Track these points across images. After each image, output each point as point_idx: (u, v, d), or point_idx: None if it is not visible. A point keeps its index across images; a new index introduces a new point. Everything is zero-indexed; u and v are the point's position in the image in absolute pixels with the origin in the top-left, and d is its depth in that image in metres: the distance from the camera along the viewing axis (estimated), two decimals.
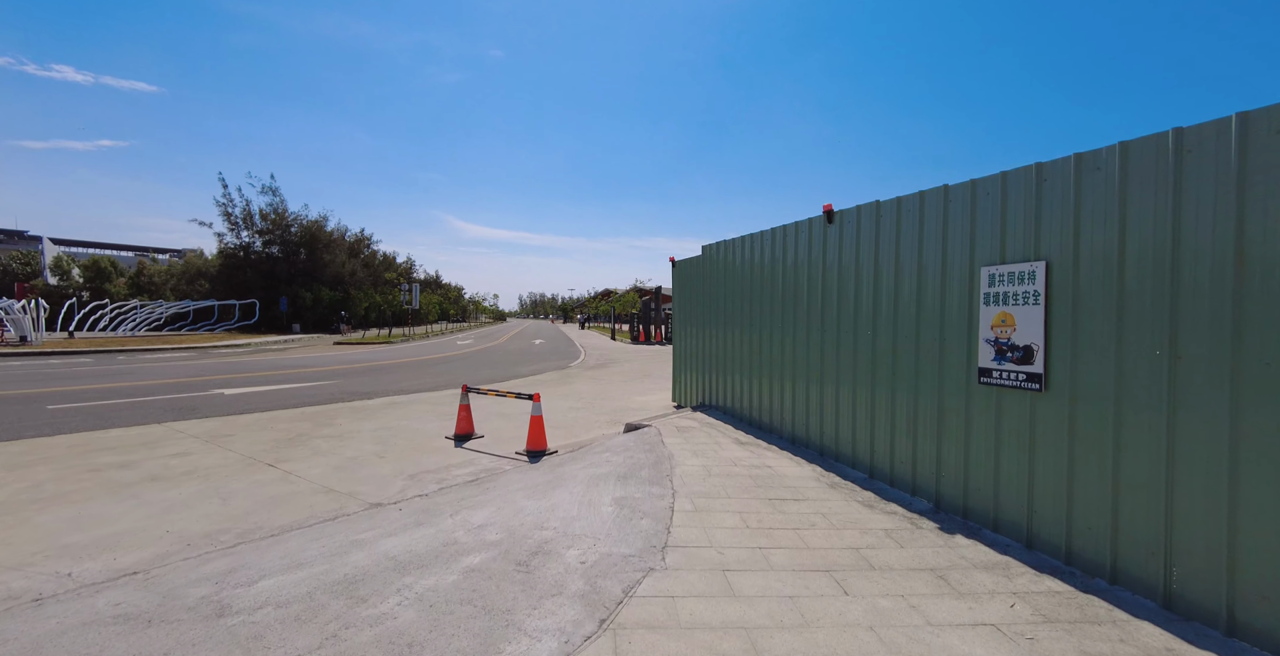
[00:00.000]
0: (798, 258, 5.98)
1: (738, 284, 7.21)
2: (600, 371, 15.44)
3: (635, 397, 10.39)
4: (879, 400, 4.82)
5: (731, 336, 7.38)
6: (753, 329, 6.85)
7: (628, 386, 12.06)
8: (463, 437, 7.00)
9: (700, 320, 8.33)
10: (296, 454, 6.26)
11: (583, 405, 9.57)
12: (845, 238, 5.27)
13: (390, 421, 8.12)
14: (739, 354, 7.19)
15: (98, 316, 31.27)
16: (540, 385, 12.39)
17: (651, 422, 7.03)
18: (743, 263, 7.09)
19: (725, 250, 7.56)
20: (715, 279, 7.84)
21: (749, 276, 6.94)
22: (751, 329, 6.88)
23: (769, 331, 6.50)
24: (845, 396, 5.24)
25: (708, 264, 8.07)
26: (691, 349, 8.68)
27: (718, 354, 7.79)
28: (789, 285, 6.12)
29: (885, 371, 4.74)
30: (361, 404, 9.70)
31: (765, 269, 6.59)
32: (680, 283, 9.10)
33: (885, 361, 4.74)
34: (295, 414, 8.65)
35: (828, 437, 5.49)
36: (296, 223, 40.69)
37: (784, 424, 6.21)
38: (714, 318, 7.88)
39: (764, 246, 6.62)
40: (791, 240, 6.09)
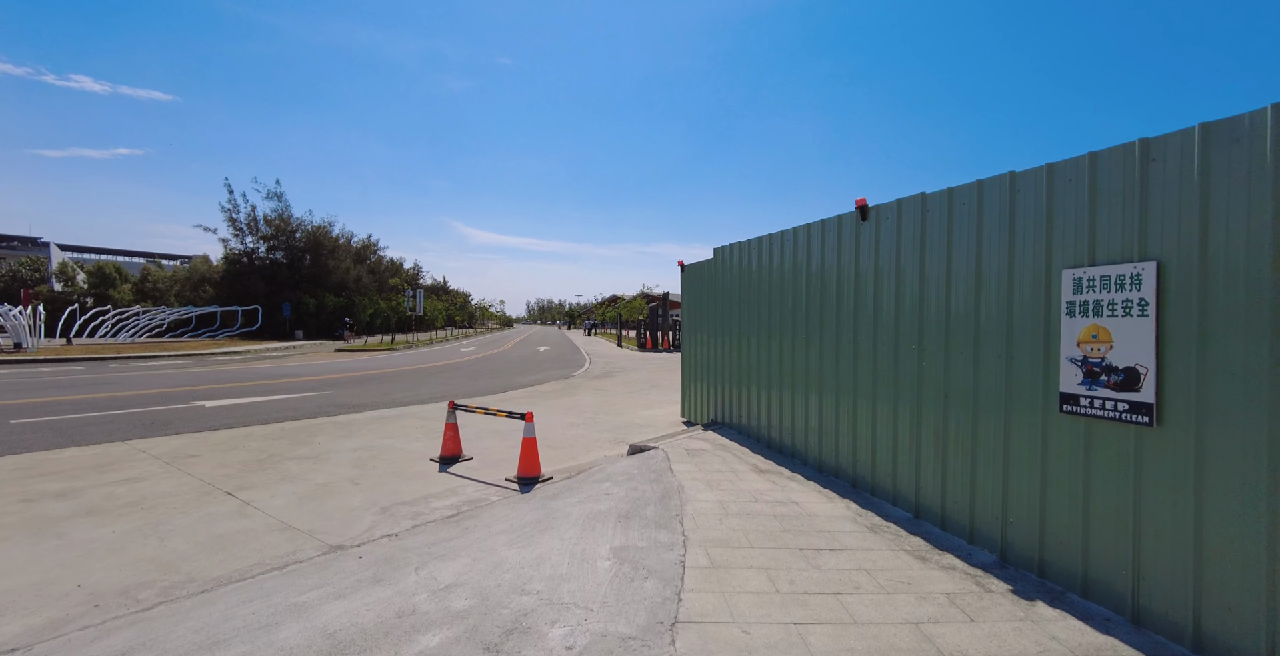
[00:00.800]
0: (824, 259, 5.29)
1: (755, 288, 6.52)
2: (605, 381, 14.75)
3: (641, 412, 9.69)
4: (926, 424, 4.10)
5: (748, 346, 6.68)
6: (772, 338, 6.15)
7: (633, 398, 11.36)
8: (448, 460, 6.32)
9: (712, 328, 7.64)
10: (262, 479, 5.60)
11: (584, 420, 8.88)
12: (883, 236, 4.57)
13: (374, 439, 7.46)
14: (756, 366, 6.48)
15: (99, 323, 30.96)
16: (541, 397, 11.71)
17: (658, 444, 6.32)
18: (760, 265, 6.40)
19: (740, 252, 6.87)
20: (729, 283, 7.15)
21: (767, 280, 6.25)
22: (771, 338, 6.17)
23: (791, 341, 5.80)
24: (884, 418, 4.52)
25: (720, 267, 7.38)
26: (702, 359, 7.98)
27: (732, 365, 7.08)
28: (815, 290, 5.42)
29: (934, 391, 4.03)
30: (347, 418, 9.05)
31: (786, 272, 5.90)
32: (690, 288, 8.42)
33: (934, 379, 4.03)
34: (274, 430, 8.01)
35: (862, 466, 4.77)
36: (301, 228, 40.38)
37: (809, 448, 5.49)
38: (728, 325, 7.18)
39: (784, 247, 5.93)
40: (817, 240, 5.39)
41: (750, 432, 6.68)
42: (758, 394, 6.49)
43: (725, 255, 7.24)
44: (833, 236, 5.18)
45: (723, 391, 7.39)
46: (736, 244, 6.94)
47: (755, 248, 6.50)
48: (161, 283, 40.57)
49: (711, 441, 6.50)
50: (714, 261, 7.56)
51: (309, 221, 41.08)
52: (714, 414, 7.68)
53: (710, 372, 7.74)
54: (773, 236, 6.17)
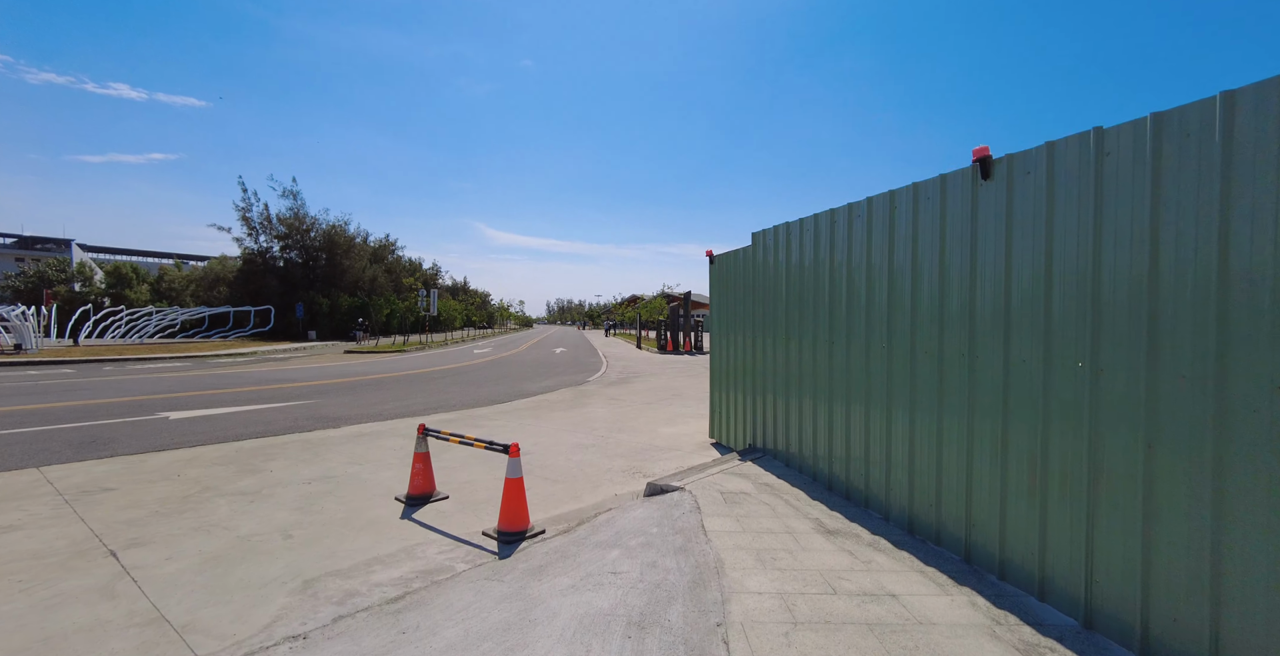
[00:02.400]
0: (918, 237, 3.82)
1: (809, 279, 5.07)
2: (622, 389, 13.36)
3: (662, 429, 8.27)
4: (1112, 476, 2.63)
5: (799, 351, 5.23)
6: (835, 343, 4.69)
7: (653, 411, 9.94)
8: (417, 500, 4.98)
9: (750, 329, 6.20)
10: (171, 529, 4.31)
11: (594, 441, 7.49)
12: (1020, 198, 3.10)
13: (339, 465, 6.17)
14: (812, 376, 5.03)
15: (111, 323, 30.54)
16: (548, 409, 10.35)
17: (685, 482, 4.90)
18: (818, 251, 4.95)
19: (788, 237, 5.42)
20: (772, 274, 5.71)
21: (827, 268, 4.80)
22: (834, 343, 4.72)
23: (864, 346, 4.34)
24: (1019, 452, 3.06)
25: (760, 256, 5.94)
26: (737, 366, 6.54)
27: (777, 375, 5.64)
28: (903, 279, 3.96)
29: (1127, 424, 2.55)
30: (322, 435, 7.79)
31: (856, 257, 4.44)
32: (721, 282, 6.98)
33: (1123, 404, 2.55)
34: (227, 451, 6.77)
35: (982, 530, 3.30)
36: (315, 227, 39.75)
37: (893, 494, 4.03)
38: (771, 325, 5.74)
39: (852, 226, 4.47)
40: (906, 212, 3.92)
41: (802, 465, 5.22)
42: (813, 413, 5.04)
43: (767, 241, 5.80)
44: (930, 206, 3.71)
45: (764, 408, 5.94)
46: (783, 225, 5.49)
47: (810, 229, 5.04)
48: (177, 283, 40.28)
49: (753, 478, 5.06)
50: (752, 250, 6.12)
51: (324, 220, 40.46)
52: (752, 436, 6.23)
53: (747, 383, 6.30)
54: (836, 211, 4.71)
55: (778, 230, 5.60)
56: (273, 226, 38.10)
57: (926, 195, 3.75)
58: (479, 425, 8.50)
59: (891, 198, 4.08)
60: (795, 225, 5.28)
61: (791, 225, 5.36)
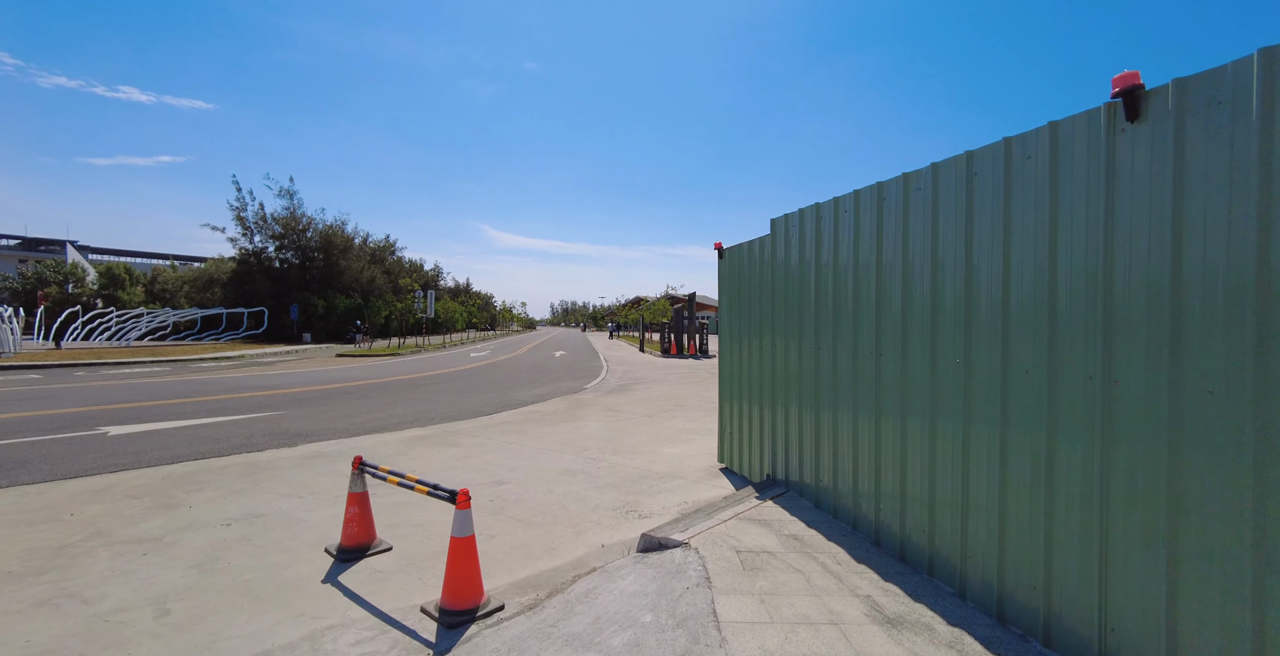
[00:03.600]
0: (1010, 206, 2.76)
1: (846, 270, 4.02)
2: (621, 397, 12.31)
3: (663, 449, 7.21)
4: None
5: (832, 356, 4.17)
6: (886, 347, 3.64)
7: (654, 426, 8.89)
8: (352, 552, 3.94)
9: (767, 329, 5.16)
10: (9, 602, 3.29)
11: (583, 465, 6.44)
12: (1193, 144, 2.04)
13: (275, 498, 5.14)
14: (851, 385, 3.98)
15: (98, 325, 29.68)
16: (536, 423, 9.31)
17: (689, 536, 3.84)
18: (857, 235, 3.90)
19: (817, 221, 4.37)
20: (796, 266, 4.67)
21: (873, 256, 3.74)
22: (881, 349, 3.66)
23: (926, 356, 3.28)
24: (1213, 511, 1.99)
25: (781, 246, 4.90)
26: (751, 374, 5.50)
27: (803, 383, 4.59)
28: (989, 264, 2.90)
29: None
30: (272, 456, 6.78)
31: (916, 240, 3.39)
32: (731, 278, 5.94)
33: None
34: (151, 479, 5.76)
35: (1124, 621, 2.22)
36: (312, 227, 38.85)
37: (972, 558, 2.96)
38: (795, 325, 4.69)
39: (915, 199, 3.42)
40: (992, 176, 2.87)
41: (838, 507, 4.16)
42: (853, 435, 3.98)
43: (791, 229, 4.75)
44: (1035, 167, 2.65)
45: (787, 428, 4.88)
46: (813, 207, 4.43)
47: (850, 210, 3.99)
48: (171, 284, 39.46)
49: (775, 527, 4.00)
50: (771, 240, 5.07)
51: (321, 220, 39.56)
52: (771, 463, 5.17)
53: (765, 396, 5.24)
54: (884, 185, 3.66)
55: (804, 215, 4.55)
56: (268, 226, 37.21)
57: (1035, 146, 2.70)
58: (456, 443, 7.47)
59: (967, 161, 3.03)
60: (830, 206, 4.23)
61: (824, 207, 4.31)
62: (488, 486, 5.54)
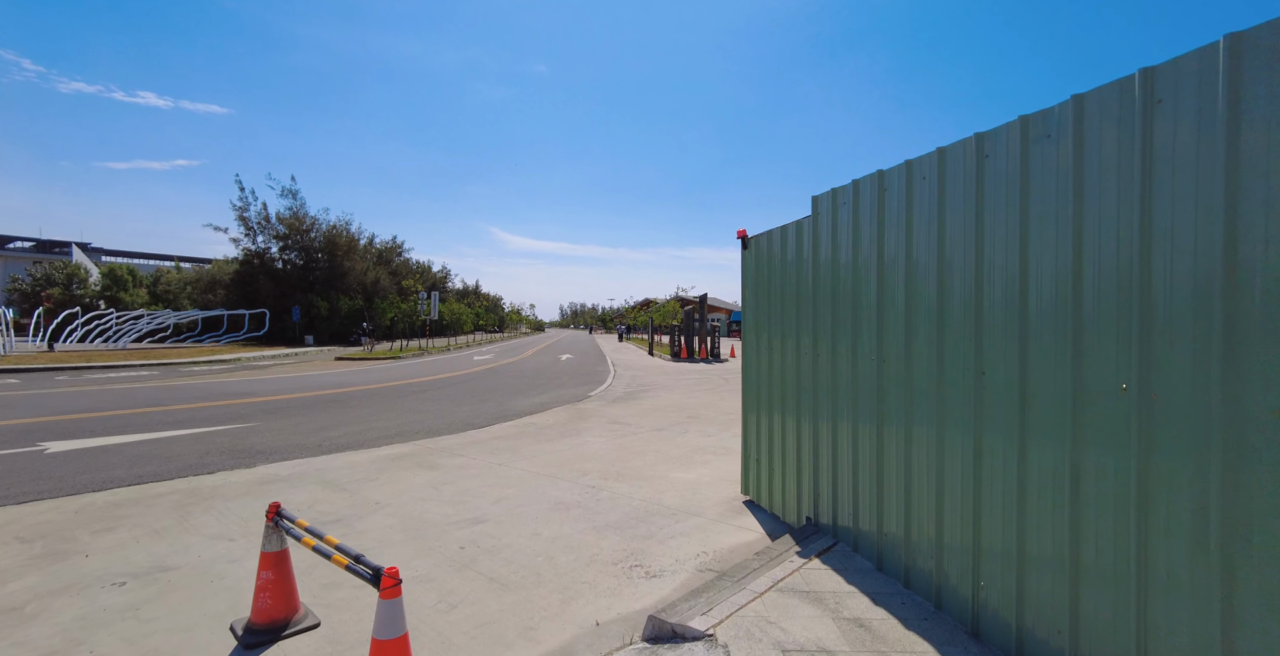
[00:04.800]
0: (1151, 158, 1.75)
1: (925, 251, 2.98)
2: (627, 407, 11.30)
3: (674, 474, 6.18)
4: None
5: (903, 359, 3.14)
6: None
7: (664, 442, 7.86)
8: (264, 632, 2.95)
9: (807, 328, 4.13)
10: None
11: (580, 495, 5.43)
12: None
13: (199, 541, 4.18)
14: (937, 397, 2.93)
15: (96, 327, 29.07)
16: (532, 437, 8.31)
17: (712, 624, 2.78)
18: (940, 210, 2.86)
19: (878, 192, 3.34)
20: (846, 251, 3.65)
21: (964, 228, 2.70)
22: (984, 351, 2.62)
23: (1064, 357, 2.23)
24: None
25: (826, 229, 3.87)
26: (785, 380, 4.47)
27: (859, 393, 3.55)
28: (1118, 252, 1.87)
29: None
30: (220, 480, 5.83)
31: (1050, 202, 2.34)
32: (757, 270, 4.92)
33: None
34: (59, 513, 4.82)
35: None
36: (315, 227, 38.18)
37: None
38: (848, 321, 3.65)
39: (1020, 152, 2.38)
40: (1095, 125, 1.82)
41: (911, 570, 3.11)
42: (935, 469, 2.95)
43: (841, 205, 3.72)
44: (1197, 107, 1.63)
45: (836, 454, 3.85)
46: (873, 176, 3.40)
47: (928, 173, 2.95)
48: (174, 285, 38.93)
49: (831, 605, 2.95)
50: (812, 222, 4.04)
51: (325, 220, 38.87)
52: (813, 501, 4.13)
53: (804, 411, 4.21)
54: (986, 137, 2.62)
55: (861, 188, 3.52)
56: (271, 226, 36.58)
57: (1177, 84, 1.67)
58: (436, 465, 6.48)
59: (1080, 103, 2.00)
60: (899, 173, 3.19)
61: (890, 175, 3.27)
62: (462, 526, 4.54)
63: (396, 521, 4.66)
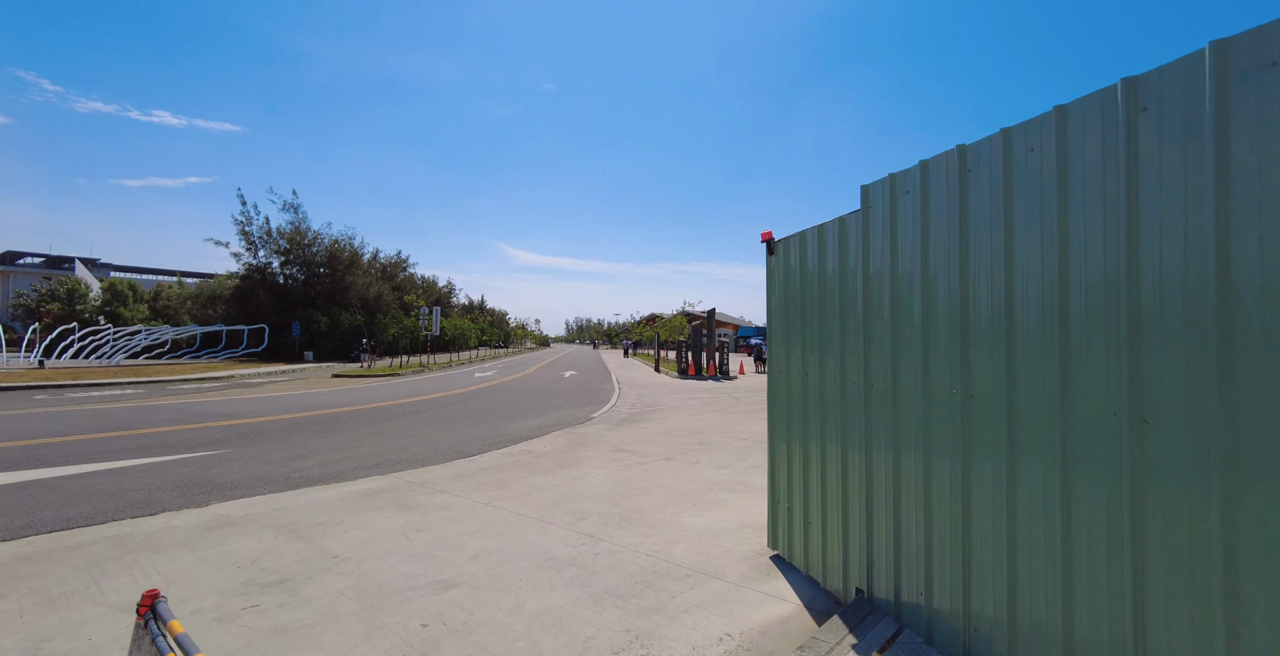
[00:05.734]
0: None
1: (1027, 241, 2.15)
2: (633, 431, 10.44)
3: (686, 517, 5.32)
4: None
5: (1001, 383, 2.29)
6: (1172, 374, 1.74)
7: (673, 475, 7.00)
8: None
9: (853, 340, 3.27)
10: None
11: (574, 548, 4.58)
12: None
13: (89, 616, 3.36)
14: (1046, 428, 2.07)
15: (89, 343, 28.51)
16: (525, 468, 7.48)
17: None
18: (1043, 183, 2.05)
19: (958, 176, 2.54)
20: (912, 248, 2.82)
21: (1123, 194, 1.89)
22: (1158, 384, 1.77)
23: None
24: None
25: (879, 224, 3.07)
26: (828, 405, 3.64)
27: (932, 422, 2.70)
28: None
29: None
30: (158, 525, 5.03)
31: None
32: (787, 276, 4.12)
33: None
34: None
35: None
36: (318, 242, 37.75)
37: None
38: (913, 332, 2.81)
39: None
40: None
41: None
42: (1060, 526, 2.10)
43: (903, 194, 2.93)
44: None
45: (898, 502, 3.00)
46: (952, 153, 2.60)
47: (1041, 142, 2.16)
48: (174, 300, 38.50)
49: None
50: (861, 218, 3.24)
51: (327, 234, 38.45)
52: (865, 567, 3.27)
53: (851, 443, 3.36)
54: (1142, 78, 1.83)
55: (929, 171, 2.73)
56: (272, 240, 36.16)
57: None
58: (412, 505, 5.66)
59: None
60: (996, 144, 2.40)
61: (974, 150, 2.48)
62: (430, 591, 3.70)
63: (351, 583, 3.82)
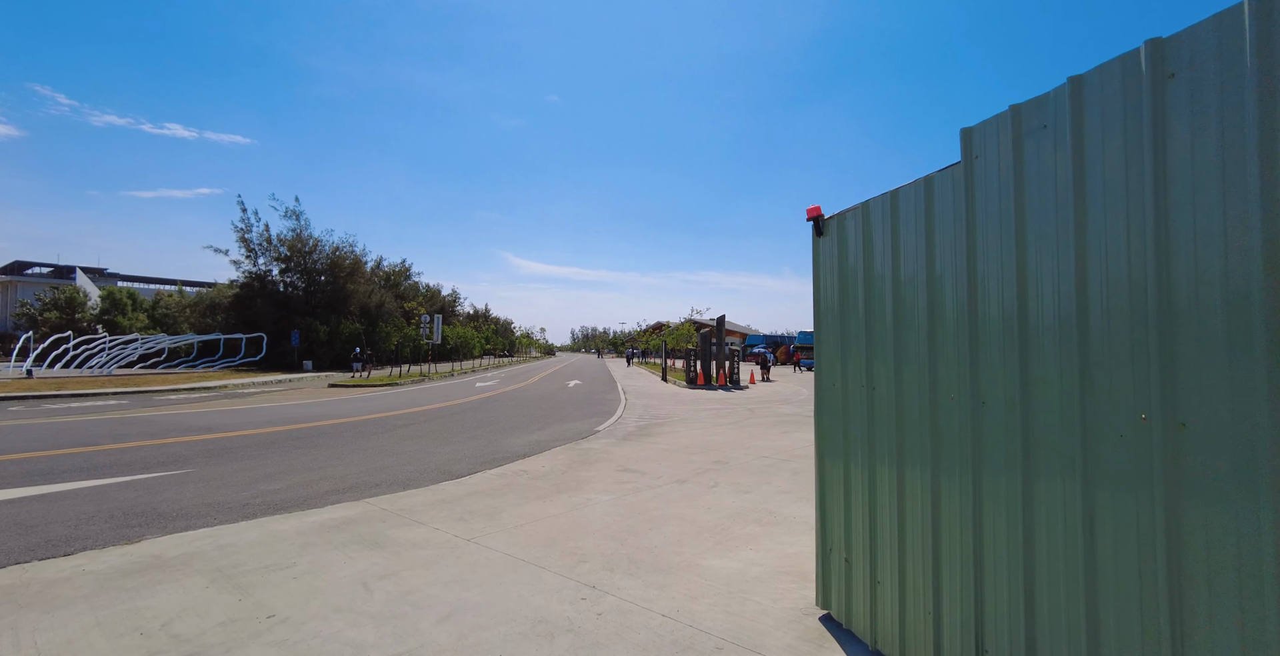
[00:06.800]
0: None
1: None
2: (640, 447, 9.52)
3: (709, 560, 4.39)
4: None
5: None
6: None
7: (689, 503, 6.08)
8: None
9: (947, 352, 2.34)
10: None
11: (571, 607, 3.66)
12: None
13: None
14: None
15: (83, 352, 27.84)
16: (519, 493, 6.57)
17: None
18: None
19: (1109, 99, 1.62)
20: (1032, 211, 1.88)
21: None
22: None
23: None
24: None
25: (990, 181, 2.14)
26: (907, 423, 2.69)
27: (1102, 453, 1.74)
28: None
29: None
30: (69, 570, 4.15)
31: None
32: (842, 263, 3.21)
33: None
34: None
35: None
36: (318, 249, 37.13)
37: None
38: (1047, 334, 1.87)
39: None
40: None
41: None
42: None
43: (1023, 132, 2.03)
44: None
45: (1022, 547, 2.06)
46: (1112, 64, 1.71)
47: None
48: (173, 309, 37.91)
49: None
50: (960, 177, 2.35)
51: (328, 241, 37.83)
52: (976, 641, 2.34)
53: (945, 470, 2.44)
54: None
55: (1084, 88, 1.84)
56: (272, 247, 35.54)
57: None
58: (382, 542, 4.76)
59: None
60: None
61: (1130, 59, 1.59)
62: None
63: None
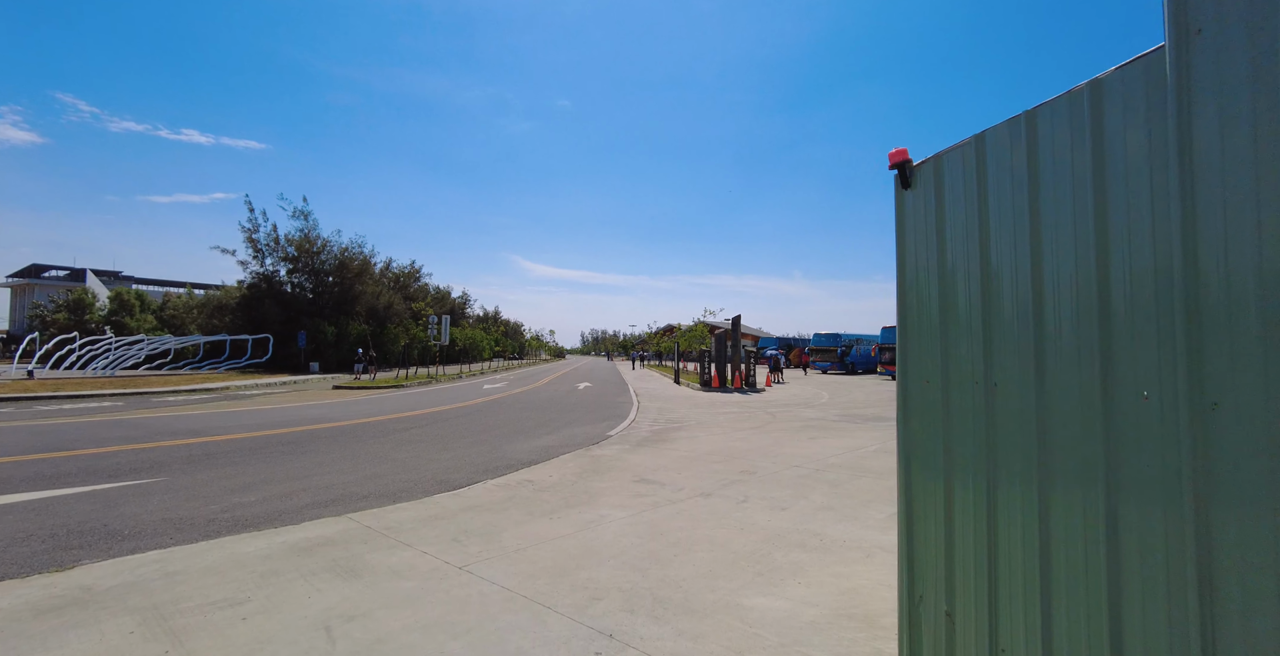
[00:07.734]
0: None
1: None
2: (657, 454, 8.74)
3: (749, 597, 3.61)
4: None
5: None
6: None
7: (717, 521, 5.29)
8: None
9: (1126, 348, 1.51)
10: None
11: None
12: None
13: None
14: None
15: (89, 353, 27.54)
16: (523, 507, 5.82)
17: None
18: None
19: None
20: None
21: None
22: None
23: None
24: None
25: (1207, 84, 1.31)
26: (1051, 423, 1.85)
27: None
28: None
29: None
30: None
31: None
32: (940, 229, 2.40)
33: None
34: None
35: None
36: (326, 250, 36.75)
37: None
38: None
39: None
40: None
41: None
42: None
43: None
44: None
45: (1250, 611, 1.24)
46: None
47: None
48: (181, 310, 37.68)
49: None
50: (1122, 83, 1.55)
51: (336, 242, 37.46)
52: None
53: (1118, 493, 1.62)
54: None
55: None
56: (280, 248, 35.21)
57: None
58: (360, 569, 4.02)
59: None
60: None
61: None
62: None
63: None
